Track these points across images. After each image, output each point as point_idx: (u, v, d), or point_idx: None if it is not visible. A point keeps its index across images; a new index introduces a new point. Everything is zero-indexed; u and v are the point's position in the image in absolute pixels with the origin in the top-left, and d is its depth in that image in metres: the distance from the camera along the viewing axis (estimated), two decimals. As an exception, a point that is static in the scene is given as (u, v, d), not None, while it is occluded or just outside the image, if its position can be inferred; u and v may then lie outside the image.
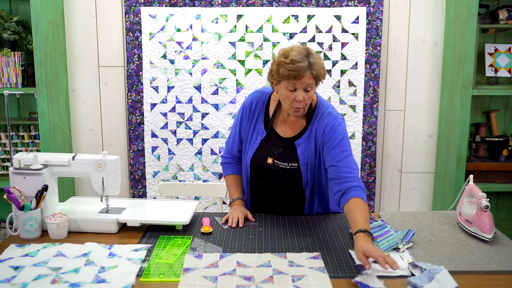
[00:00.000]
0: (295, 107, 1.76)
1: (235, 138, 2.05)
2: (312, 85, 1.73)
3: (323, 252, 1.59)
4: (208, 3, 3.01)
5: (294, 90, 1.73)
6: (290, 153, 1.89)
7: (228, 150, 2.11)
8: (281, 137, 1.91)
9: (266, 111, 1.95)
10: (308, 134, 1.87)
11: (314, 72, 1.70)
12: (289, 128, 1.92)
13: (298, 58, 1.68)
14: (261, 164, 1.93)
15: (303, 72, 1.68)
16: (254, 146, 1.94)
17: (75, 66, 3.14)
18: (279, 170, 1.91)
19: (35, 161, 1.75)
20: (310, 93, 1.74)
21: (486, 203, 1.65)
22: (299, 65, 1.67)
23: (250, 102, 1.98)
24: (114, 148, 3.22)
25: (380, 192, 3.27)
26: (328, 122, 1.83)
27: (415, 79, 3.15)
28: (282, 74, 1.70)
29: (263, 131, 1.93)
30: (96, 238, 1.70)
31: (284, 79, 1.72)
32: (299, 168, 1.88)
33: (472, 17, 2.73)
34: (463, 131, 2.85)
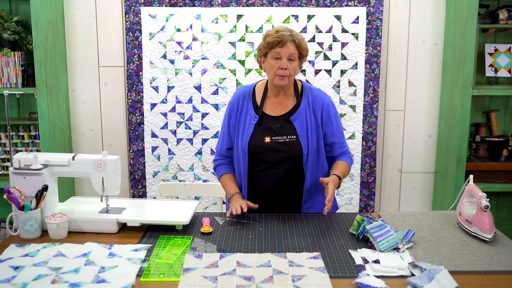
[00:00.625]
0: (279, 75, 1.92)
1: (225, 137, 2.10)
2: (295, 55, 1.92)
3: (323, 252, 1.59)
4: (208, 3, 3.01)
5: (279, 58, 1.91)
6: (287, 127, 1.99)
7: (219, 152, 2.15)
8: (274, 116, 2.01)
9: (254, 101, 2.04)
10: (304, 108, 2.00)
11: (297, 41, 1.91)
12: (279, 108, 2.02)
13: (281, 29, 1.92)
14: (259, 145, 1.98)
15: (285, 39, 1.88)
16: (249, 130, 2.00)
17: (75, 66, 3.14)
18: (278, 146, 1.97)
19: (35, 161, 1.75)
20: (293, 63, 1.92)
21: (486, 203, 1.65)
22: (282, 33, 1.89)
23: (236, 98, 2.08)
24: (114, 148, 3.22)
25: (380, 192, 3.27)
26: (322, 97, 2.03)
27: (415, 79, 3.15)
28: (268, 41, 1.91)
29: (255, 115, 2.01)
30: (96, 238, 1.70)
31: (270, 49, 1.92)
32: (298, 140, 1.97)
33: (472, 17, 2.73)
34: (463, 131, 2.85)
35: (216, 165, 2.16)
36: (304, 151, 1.96)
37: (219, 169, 2.14)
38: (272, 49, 1.91)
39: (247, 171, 2.02)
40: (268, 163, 1.99)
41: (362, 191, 3.19)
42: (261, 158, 1.99)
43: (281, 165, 1.98)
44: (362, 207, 3.20)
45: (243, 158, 2.01)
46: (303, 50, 1.95)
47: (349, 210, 3.19)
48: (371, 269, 1.46)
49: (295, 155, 1.96)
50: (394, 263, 1.49)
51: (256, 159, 2.00)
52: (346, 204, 3.20)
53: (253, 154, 1.99)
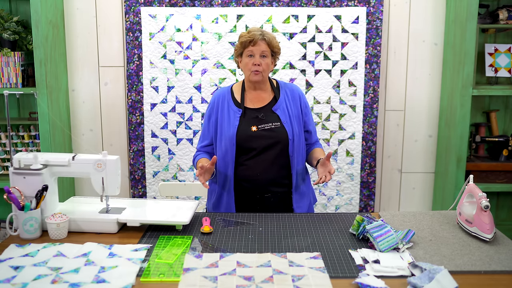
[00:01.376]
0: (253, 70, 2.08)
1: (204, 134, 2.22)
2: (267, 52, 2.09)
3: (323, 252, 1.59)
4: (208, 3, 3.01)
5: (253, 56, 2.08)
6: (271, 115, 2.13)
7: (198, 147, 2.25)
8: (255, 108, 2.15)
9: (234, 98, 2.18)
10: (283, 99, 2.16)
11: (267, 39, 2.08)
12: (259, 102, 2.17)
13: (253, 30, 2.11)
14: (247, 134, 2.09)
15: (256, 38, 2.07)
16: (235, 122, 2.11)
17: (75, 66, 3.14)
18: (266, 133, 2.09)
19: (35, 161, 1.75)
20: (266, 59, 2.10)
21: (486, 203, 1.65)
22: (254, 33, 2.08)
23: (215, 99, 2.21)
24: (114, 148, 3.22)
25: (380, 192, 3.27)
26: (298, 90, 2.22)
27: (415, 79, 3.15)
28: (241, 41, 2.10)
29: (238, 109, 2.14)
30: (96, 238, 1.70)
31: (244, 48, 2.10)
32: (282, 126, 2.10)
33: (472, 17, 2.73)
34: (463, 131, 2.85)
35: (194, 157, 2.24)
36: (290, 136, 2.09)
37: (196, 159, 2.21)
38: (245, 48, 2.09)
39: (234, 161, 2.10)
40: (257, 150, 2.09)
41: (362, 191, 3.19)
42: (249, 146, 2.09)
43: (269, 151, 2.09)
44: (362, 207, 3.20)
45: (231, 148, 2.09)
46: (274, 48, 2.12)
47: (349, 210, 3.19)
48: (371, 269, 1.46)
49: (282, 141, 2.09)
50: (394, 263, 1.49)
51: (244, 148, 2.09)
52: (346, 204, 3.20)
53: (242, 143, 2.09)
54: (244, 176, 2.11)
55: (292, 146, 2.10)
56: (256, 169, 2.09)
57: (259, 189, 2.11)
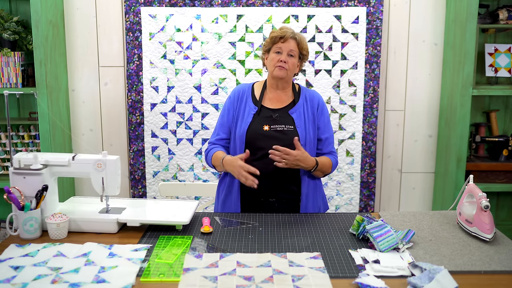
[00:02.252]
0: (279, 66, 2.04)
1: (222, 128, 2.14)
2: (295, 52, 2.06)
3: (323, 252, 1.59)
4: (208, 3, 3.01)
5: (280, 53, 2.05)
6: (286, 117, 2.08)
7: (213, 140, 2.15)
8: (272, 108, 2.10)
9: (253, 96, 2.14)
10: (302, 104, 2.11)
11: (298, 39, 2.06)
12: (277, 103, 2.12)
13: (285, 28, 2.09)
14: (258, 132, 2.04)
15: (287, 35, 2.04)
16: (248, 120, 2.07)
17: (75, 66, 3.15)
18: (277, 134, 2.04)
19: (35, 161, 1.75)
20: (293, 59, 2.06)
21: (486, 203, 1.65)
22: (285, 30, 2.06)
23: (235, 92, 2.17)
24: (114, 148, 3.22)
25: (380, 192, 3.27)
26: (318, 97, 2.16)
27: (415, 79, 3.15)
28: (272, 36, 2.07)
29: (254, 107, 2.10)
30: (96, 238, 1.70)
31: (272, 44, 2.07)
32: (295, 130, 2.05)
33: (472, 17, 2.73)
34: (463, 131, 2.85)
35: (208, 151, 2.14)
36: (301, 141, 2.03)
37: (211, 152, 2.11)
38: (274, 44, 2.06)
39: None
40: (265, 151, 1.99)
41: (362, 191, 3.19)
42: (258, 145, 2.02)
43: None
44: (362, 207, 3.20)
45: (240, 147, 2.05)
46: (303, 50, 2.08)
47: (349, 210, 3.19)
48: (371, 269, 1.46)
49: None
50: (394, 263, 1.49)
51: (253, 148, 2.02)
52: (346, 204, 3.20)
53: (251, 141, 2.04)
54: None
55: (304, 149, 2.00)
56: (264, 171, 1.98)
57: (264, 192, 2.05)
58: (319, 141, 2.13)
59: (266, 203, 2.07)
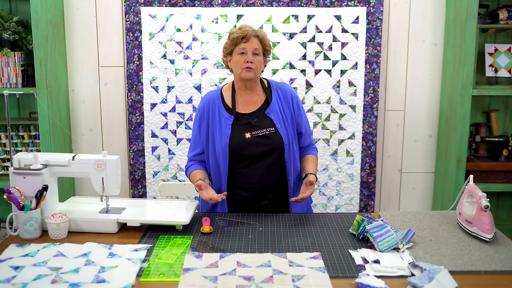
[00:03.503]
0: (246, 67, 1.98)
1: (195, 142, 2.10)
2: (259, 50, 2.00)
3: (323, 252, 1.59)
4: (208, 3, 3.01)
5: (245, 53, 1.98)
6: (264, 120, 2.03)
7: (190, 156, 2.13)
8: (247, 113, 2.06)
9: (224, 103, 2.08)
10: (276, 101, 2.07)
11: (260, 36, 1.99)
12: (250, 106, 2.07)
13: (244, 26, 2.01)
14: (241, 142, 2.00)
15: (249, 34, 1.97)
16: (227, 131, 2.02)
17: (75, 66, 3.14)
18: (260, 139, 2.01)
19: (35, 161, 1.75)
20: (258, 57, 2.00)
21: (486, 203, 1.65)
22: (246, 29, 1.98)
23: (204, 103, 2.09)
24: (114, 148, 3.22)
25: (380, 192, 3.27)
26: (290, 90, 2.12)
27: (415, 79, 3.15)
28: (233, 38, 1.99)
29: (229, 116, 2.04)
30: (96, 238, 1.70)
31: (235, 45, 1.99)
32: (277, 131, 2.02)
33: (472, 17, 2.73)
34: (463, 131, 2.85)
35: (186, 168, 2.13)
36: (285, 141, 2.01)
37: (189, 170, 2.10)
38: (237, 45, 1.99)
39: (227, 171, 2.01)
40: (252, 158, 2.00)
41: (362, 191, 3.19)
42: (244, 154, 2.00)
43: (265, 158, 2.01)
44: (362, 207, 3.20)
45: (224, 158, 2.00)
46: (266, 46, 2.03)
47: (349, 210, 3.19)
48: (371, 269, 1.46)
49: (277, 146, 2.01)
50: (394, 263, 1.49)
51: (239, 157, 2.01)
52: (346, 204, 3.20)
53: (235, 152, 2.00)
54: (240, 185, 2.03)
55: (288, 152, 2.02)
56: (253, 177, 2.01)
57: (256, 197, 2.04)
58: (299, 135, 2.12)
59: (259, 207, 2.05)
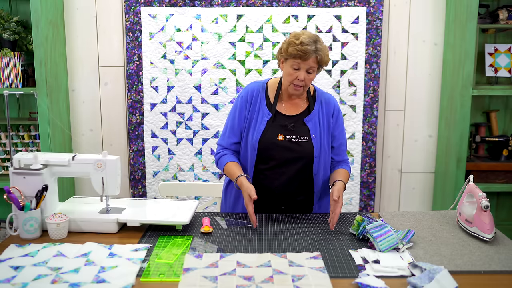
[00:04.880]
0: (295, 85, 1.89)
1: (232, 131, 2.02)
2: (314, 68, 1.88)
3: (323, 252, 1.59)
4: (208, 3, 3.01)
5: (298, 69, 1.87)
6: (301, 127, 1.97)
7: (222, 145, 2.05)
8: (287, 115, 1.99)
9: (267, 98, 2.01)
10: (317, 111, 2.00)
11: (319, 57, 1.85)
12: (292, 108, 2.01)
13: (307, 41, 1.83)
14: (272, 142, 1.94)
15: (309, 55, 1.83)
16: (261, 127, 1.96)
17: (75, 66, 3.14)
18: (291, 145, 1.94)
19: (35, 161, 1.74)
20: (311, 75, 1.89)
21: (486, 203, 1.65)
22: (306, 48, 1.82)
23: (248, 92, 2.02)
24: (114, 148, 3.22)
25: (380, 192, 3.27)
26: (334, 102, 2.04)
27: (415, 79, 3.15)
28: (290, 52, 1.85)
29: (268, 112, 1.98)
30: (96, 238, 1.70)
31: (291, 58, 1.86)
32: (310, 141, 1.95)
33: (472, 17, 2.73)
34: (463, 131, 2.85)
35: (220, 156, 2.03)
36: (316, 153, 1.95)
37: (223, 159, 2.01)
38: (293, 59, 1.86)
39: (253, 168, 1.98)
40: (278, 162, 1.95)
41: (362, 191, 3.19)
42: (271, 155, 1.95)
43: (291, 165, 1.95)
44: (362, 207, 3.20)
45: (252, 154, 1.96)
46: (323, 64, 1.90)
47: (349, 210, 3.19)
48: (371, 269, 1.46)
49: (307, 156, 1.94)
50: (394, 263, 1.49)
51: (265, 157, 1.96)
52: (346, 204, 3.20)
53: (264, 151, 1.95)
54: (261, 186, 1.96)
55: (317, 164, 1.96)
56: (274, 182, 1.95)
57: (274, 201, 2.00)
58: (332, 148, 2.04)
59: (274, 210, 2.02)
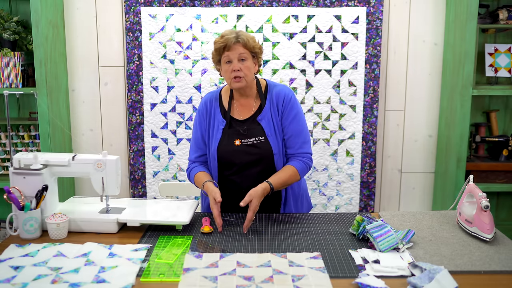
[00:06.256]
0: (233, 77, 1.92)
1: (197, 144, 2.06)
2: (245, 55, 1.92)
3: (323, 252, 1.59)
4: (208, 3, 3.01)
5: (230, 62, 1.92)
6: (254, 128, 1.98)
7: (192, 158, 2.09)
8: (241, 120, 2.02)
9: (221, 105, 2.04)
10: (269, 107, 2.00)
11: (241, 41, 1.90)
12: (245, 111, 2.03)
13: (226, 33, 1.93)
14: (229, 149, 1.97)
15: (230, 42, 1.89)
16: (218, 136, 2.00)
17: (75, 66, 3.14)
18: (248, 148, 1.97)
19: (35, 161, 1.75)
20: (246, 62, 1.92)
21: (486, 203, 1.65)
22: (227, 37, 1.90)
23: (202, 104, 2.07)
24: (114, 148, 3.22)
25: (380, 192, 3.27)
26: (284, 93, 2.01)
27: (415, 79, 3.15)
28: (216, 48, 1.93)
29: (222, 120, 2.01)
30: (96, 238, 1.70)
31: (219, 55, 1.93)
32: (266, 140, 1.96)
33: (472, 17, 2.73)
34: (463, 131, 2.85)
35: (189, 171, 2.08)
36: (274, 150, 1.96)
37: (192, 172, 2.05)
38: (221, 54, 1.93)
39: (217, 176, 2.01)
40: (239, 166, 1.97)
41: (362, 191, 3.19)
42: (231, 161, 1.98)
43: (253, 167, 1.97)
44: (362, 207, 3.20)
45: (213, 163, 2.00)
46: (252, 48, 1.93)
47: (349, 210, 3.19)
48: (371, 269, 1.46)
49: (266, 156, 1.96)
50: (394, 263, 1.49)
51: (227, 163, 1.99)
52: (346, 204, 3.20)
53: (223, 158, 1.98)
54: (230, 191, 1.99)
55: (278, 160, 1.97)
56: (242, 184, 1.96)
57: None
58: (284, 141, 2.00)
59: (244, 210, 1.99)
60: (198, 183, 2.00)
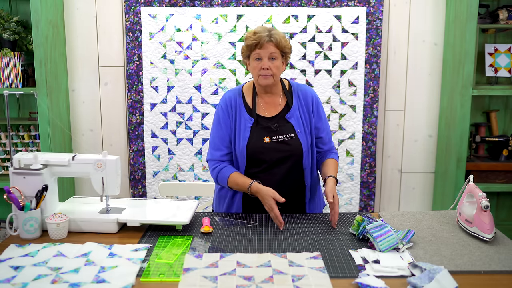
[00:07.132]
0: (262, 75, 1.92)
1: (222, 140, 2.01)
2: (276, 54, 1.92)
3: (323, 252, 1.59)
4: (208, 3, 3.01)
5: (260, 59, 1.92)
6: (285, 125, 1.99)
7: (215, 159, 2.03)
8: (268, 117, 2.01)
9: (245, 103, 2.03)
10: (297, 106, 2.02)
11: (274, 40, 1.90)
12: (271, 108, 2.02)
13: (259, 30, 1.92)
14: (259, 146, 1.95)
15: (263, 40, 1.89)
16: (246, 134, 1.97)
17: (75, 66, 3.14)
18: (278, 145, 1.96)
19: (35, 161, 1.74)
20: (275, 62, 1.93)
21: (486, 203, 1.65)
22: (260, 35, 1.89)
23: (226, 101, 2.03)
24: (114, 148, 3.22)
25: (380, 192, 3.27)
26: (311, 93, 2.06)
27: (415, 79, 3.15)
28: (247, 44, 1.93)
29: (249, 118, 1.99)
30: (96, 238, 1.70)
31: (250, 51, 1.93)
32: (297, 137, 1.97)
33: (472, 17, 2.73)
34: (463, 131, 2.85)
35: (218, 171, 2.00)
36: (304, 148, 1.97)
37: (223, 172, 1.99)
38: (252, 51, 1.93)
39: (244, 173, 1.98)
40: (269, 163, 1.96)
41: (362, 191, 3.19)
42: (261, 158, 1.96)
43: (282, 164, 1.96)
44: (362, 207, 3.20)
45: (241, 160, 1.98)
46: (284, 48, 1.94)
47: (349, 210, 3.19)
48: (371, 269, 1.46)
49: (295, 153, 1.96)
50: (394, 263, 1.49)
51: (256, 161, 1.97)
52: (346, 204, 3.20)
53: (252, 155, 1.96)
54: None
55: (307, 158, 1.98)
56: (268, 183, 1.91)
57: None
58: (318, 139, 2.05)
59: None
60: (238, 184, 1.94)
